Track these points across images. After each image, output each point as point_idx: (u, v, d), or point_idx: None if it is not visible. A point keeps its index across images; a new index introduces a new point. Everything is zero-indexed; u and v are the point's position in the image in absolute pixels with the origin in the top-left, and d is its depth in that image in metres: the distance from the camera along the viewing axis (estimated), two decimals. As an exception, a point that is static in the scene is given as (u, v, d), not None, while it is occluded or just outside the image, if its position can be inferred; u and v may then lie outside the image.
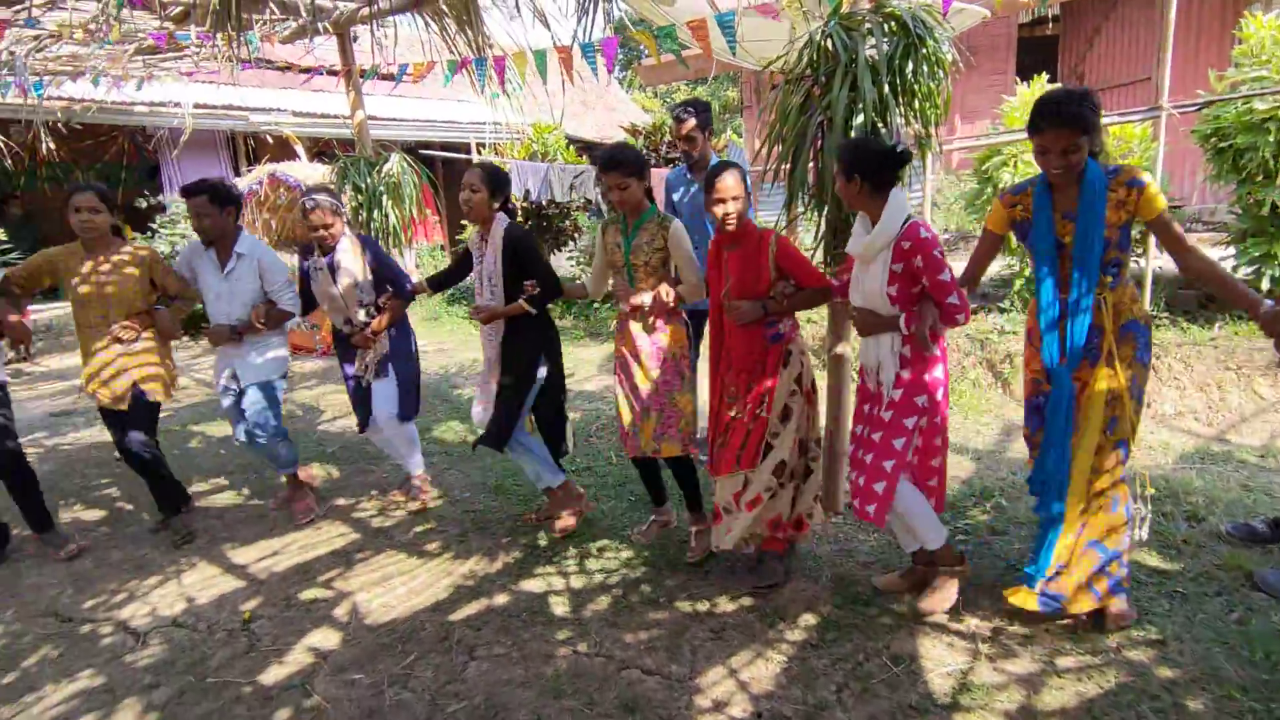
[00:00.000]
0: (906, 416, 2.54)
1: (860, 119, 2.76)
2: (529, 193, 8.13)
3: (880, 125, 2.81)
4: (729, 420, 2.85)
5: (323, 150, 11.13)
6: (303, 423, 5.58)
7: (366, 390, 3.74)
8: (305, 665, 2.62)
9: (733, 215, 2.69)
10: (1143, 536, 2.78)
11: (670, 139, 9.25)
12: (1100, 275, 2.32)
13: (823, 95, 2.88)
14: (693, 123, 3.75)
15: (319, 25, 5.34)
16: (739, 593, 2.89)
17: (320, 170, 7.71)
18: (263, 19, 5.35)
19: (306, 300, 3.78)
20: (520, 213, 7.98)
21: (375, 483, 4.31)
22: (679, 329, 3.07)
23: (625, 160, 2.92)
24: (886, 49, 2.77)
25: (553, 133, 9.27)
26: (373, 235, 4.98)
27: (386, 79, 5.43)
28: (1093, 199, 2.26)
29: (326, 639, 2.77)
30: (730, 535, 2.82)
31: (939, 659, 2.44)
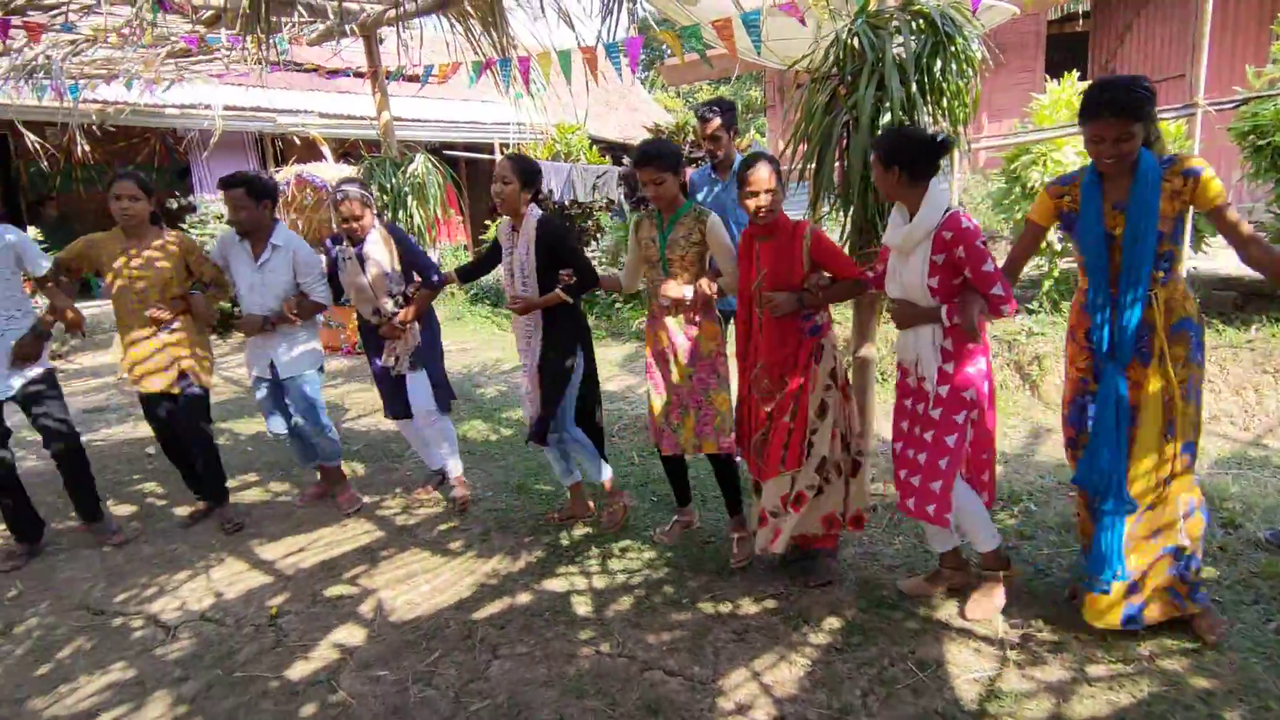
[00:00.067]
0: (956, 412, 2.48)
1: (887, 118, 2.74)
2: (552, 193, 8.17)
3: (907, 124, 2.78)
4: (763, 418, 2.83)
5: (348, 151, 11.26)
6: (328, 421, 5.64)
7: (396, 380, 3.76)
8: (331, 661, 2.65)
9: (765, 208, 2.65)
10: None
11: (694, 139, 9.24)
12: (1152, 270, 2.24)
13: (849, 94, 2.86)
14: (718, 122, 3.74)
15: (346, 27, 5.41)
16: (762, 594, 2.87)
17: (346, 171, 7.80)
18: (291, 22, 5.43)
19: (334, 289, 3.81)
20: (543, 213, 7.99)
21: (399, 480, 4.34)
22: (713, 326, 3.04)
23: (659, 154, 2.90)
24: (914, 47, 2.74)
25: (576, 133, 9.30)
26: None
27: (412, 80, 5.47)
28: (1145, 189, 2.18)
29: (352, 635, 2.80)
30: (780, 539, 2.79)
31: (966, 665, 2.40)
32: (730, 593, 2.90)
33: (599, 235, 9.68)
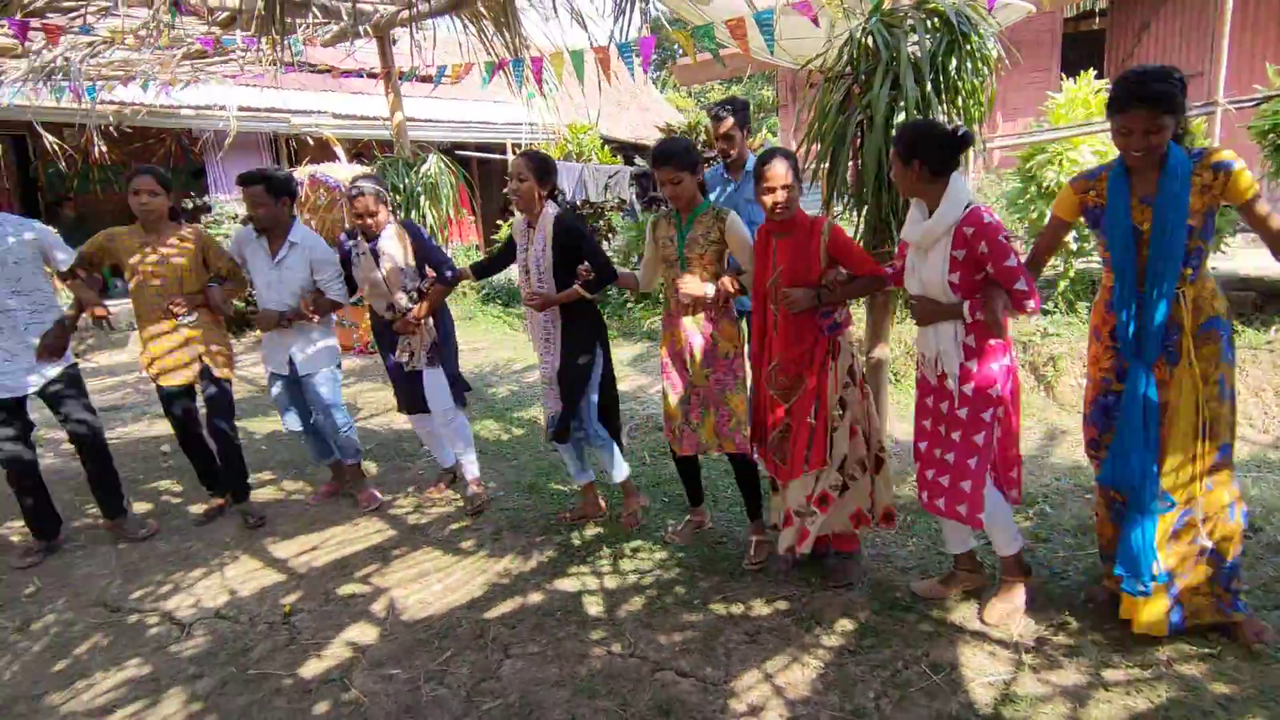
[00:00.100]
0: (983, 410, 2.46)
1: (901, 117, 2.72)
2: (564, 193, 8.19)
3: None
4: (780, 415, 2.81)
5: (361, 152, 11.32)
6: (341, 420, 5.66)
7: (410, 376, 3.77)
8: (344, 659, 2.66)
9: (782, 204, 2.63)
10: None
11: (706, 139, 9.23)
12: (1180, 266, 2.19)
13: (863, 93, 2.84)
14: (731, 121, 3.73)
15: (360, 29, 5.44)
16: (774, 596, 2.86)
17: (359, 171, 7.83)
18: (305, 23, 5.46)
19: (348, 284, 3.81)
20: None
21: (412, 479, 4.36)
22: (731, 327, 3.02)
23: (676, 153, 2.89)
24: (929, 45, 2.72)
25: (588, 133, 9.31)
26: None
27: (425, 81, 5.49)
28: (1174, 183, 2.13)
29: (364, 634, 2.81)
30: (808, 540, 2.77)
31: (980, 668, 2.38)
32: (742, 594, 2.90)
33: (611, 235, 9.69)
